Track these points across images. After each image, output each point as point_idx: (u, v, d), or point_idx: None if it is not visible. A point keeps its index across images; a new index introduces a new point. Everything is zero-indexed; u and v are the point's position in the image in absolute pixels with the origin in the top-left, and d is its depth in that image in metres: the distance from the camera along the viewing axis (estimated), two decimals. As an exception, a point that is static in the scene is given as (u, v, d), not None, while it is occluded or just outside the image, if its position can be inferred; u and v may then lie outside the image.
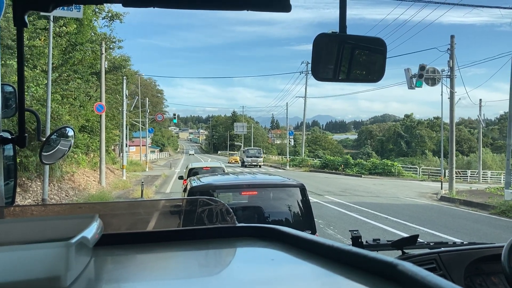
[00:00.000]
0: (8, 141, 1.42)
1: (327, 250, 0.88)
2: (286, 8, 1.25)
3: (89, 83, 23.58)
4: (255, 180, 5.61)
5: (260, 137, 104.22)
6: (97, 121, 21.98)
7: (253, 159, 48.49)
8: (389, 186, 25.85)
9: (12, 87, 1.66)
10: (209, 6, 1.24)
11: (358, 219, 12.73)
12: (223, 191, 5.23)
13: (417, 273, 0.67)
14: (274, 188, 5.33)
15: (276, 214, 5.08)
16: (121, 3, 1.19)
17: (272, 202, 5.20)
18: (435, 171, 39.36)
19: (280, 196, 5.21)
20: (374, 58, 1.81)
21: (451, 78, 19.29)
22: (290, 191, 5.20)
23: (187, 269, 0.93)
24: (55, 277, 0.66)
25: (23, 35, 1.31)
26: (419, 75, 18.40)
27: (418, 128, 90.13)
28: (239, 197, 5.30)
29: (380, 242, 2.35)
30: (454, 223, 12.46)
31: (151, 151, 74.64)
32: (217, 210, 1.29)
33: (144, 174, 32.11)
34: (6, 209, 1.37)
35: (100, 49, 20.60)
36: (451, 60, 19.02)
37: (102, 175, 20.30)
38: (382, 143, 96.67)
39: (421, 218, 13.19)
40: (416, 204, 17.06)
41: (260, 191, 5.20)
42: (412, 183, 31.62)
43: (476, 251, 2.21)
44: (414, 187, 26.73)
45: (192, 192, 5.00)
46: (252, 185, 5.25)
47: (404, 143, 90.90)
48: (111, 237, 1.03)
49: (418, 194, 21.29)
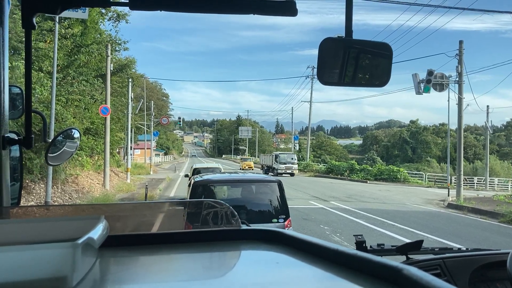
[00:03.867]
0: (14, 142, 1.42)
1: (332, 254, 0.88)
2: (292, 13, 1.28)
3: (94, 85, 23.53)
4: (243, 177, 7.32)
5: (266, 141, 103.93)
6: (102, 124, 21.89)
7: (288, 166, 41.43)
8: (395, 192, 25.56)
9: (19, 89, 1.66)
10: (216, 10, 1.27)
11: (365, 226, 12.50)
12: (218, 185, 6.87)
13: (422, 278, 0.66)
14: (258, 183, 6.81)
15: (259, 202, 6.53)
16: (128, 6, 1.22)
17: (256, 194, 6.62)
18: (441, 177, 38.99)
19: (263, 189, 6.65)
20: (380, 63, 1.80)
21: (459, 84, 19.01)
22: (270, 186, 6.62)
23: (191, 271, 0.93)
24: (62, 277, 0.66)
25: (31, 37, 1.33)
26: (427, 80, 18.17)
27: (424, 134, 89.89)
28: (231, 189, 6.92)
29: (385, 247, 2.35)
30: (463, 231, 12.19)
31: (156, 154, 74.70)
32: (222, 212, 1.29)
33: (148, 177, 32.00)
34: (12, 209, 1.38)
35: (105, 51, 20.49)
36: (460, 66, 18.75)
37: (106, 178, 20.18)
38: (388, 149, 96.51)
39: (429, 225, 12.94)
40: (424, 211, 16.79)
41: (247, 185, 6.73)
42: (418, 189, 31.29)
43: (481, 257, 2.19)
44: (420, 193, 26.43)
45: (195, 186, 6.46)
46: (241, 181, 6.89)
47: (409, 149, 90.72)
48: (117, 239, 1.04)
49: (425, 201, 21.01)
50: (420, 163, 77.47)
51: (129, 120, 26.47)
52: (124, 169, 28.31)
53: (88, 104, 22.42)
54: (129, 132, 26.69)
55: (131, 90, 27.24)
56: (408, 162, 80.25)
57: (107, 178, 20.19)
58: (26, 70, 1.36)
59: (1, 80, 1.33)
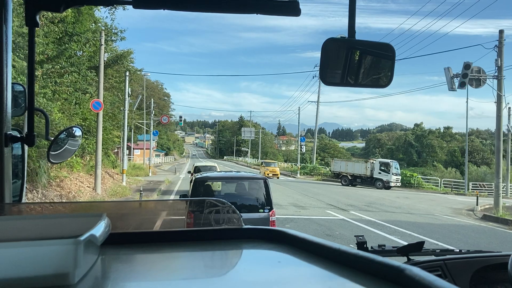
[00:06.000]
0: (17, 139, 1.42)
1: (334, 253, 0.87)
2: (296, 12, 1.30)
3: (87, 78, 21.38)
4: (236, 175, 8.43)
5: (268, 142, 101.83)
6: (95, 121, 19.76)
7: (398, 178, 34.13)
8: (415, 200, 23.37)
9: (22, 86, 1.67)
10: (220, 9, 1.27)
11: (401, 244, 10.31)
12: (215, 181, 8.06)
13: (424, 278, 0.66)
14: (248, 180, 7.75)
15: (249, 197, 7.48)
16: (132, 5, 1.22)
17: (247, 189, 7.59)
18: (458, 183, 36.76)
19: (252, 185, 7.57)
20: (383, 63, 1.77)
21: (499, 79, 16.69)
22: (258, 182, 7.56)
23: (193, 270, 0.92)
24: (64, 273, 0.67)
25: (35, 35, 1.35)
26: (463, 74, 15.93)
27: (429, 138, 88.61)
28: (226, 185, 8.01)
29: (385, 248, 2.36)
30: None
31: (156, 155, 73.00)
32: (224, 211, 1.28)
33: (146, 180, 29.88)
34: (14, 206, 1.40)
35: (99, 39, 18.35)
36: (500, 59, 16.44)
37: (98, 181, 17.99)
38: (392, 152, 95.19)
39: (478, 244, 10.78)
40: (460, 225, 14.57)
41: (240, 182, 7.71)
42: (437, 196, 29.08)
43: (482, 259, 2.21)
44: (442, 201, 24.25)
45: (196, 182, 7.51)
46: (234, 178, 7.99)
47: (415, 152, 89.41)
48: (119, 236, 1.03)
49: (452, 211, 18.82)
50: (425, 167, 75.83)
51: (126, 117, 24.24)
52: (120, 171, 26.11)
53: (79, 98, 20.29)
54: (125, 130, 24.46)
55: (128, 85, 25.00)
56: (413, 166, 78.34)
57: (98, 181, 18.01)
58: (29, 68, 1.37)
59: (4, 78, 1.33)
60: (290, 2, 1.28)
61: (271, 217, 7.24)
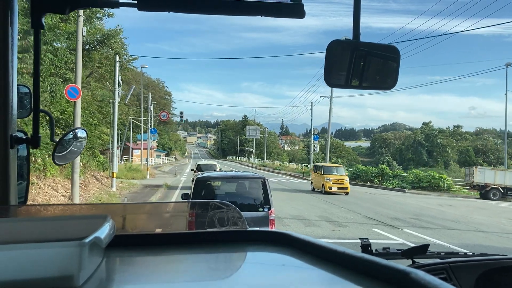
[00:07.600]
0: (22, 141, 1.42)
1: (338, 257, 0.87)
2: (300, 15, 1.29)
3: (68, 62, 17.58)
4: (236, 174, 9.23)
5: (273, 142, 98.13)
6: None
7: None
8: (463, 209, 19.51)
9: (27, 88, 1.64)
10: (223, 12, 1.27)
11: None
12: (216, 180, 8.45)
13: (430, 282, 0.65)
14: (247, 179, 8.14)
15: (249, 196, 7.86)
16: (137, 7, 1.22)
17: (246, 188, 8.01)
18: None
19: (251, 184, 7.97)
20: (387, 65, 1.76)
21: None
22: (257, 181, 7.87)
23: (197, 272, 0.91)
24: (68, 276, 0.66)
25: (40, 37, 1.36)
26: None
27: (440, 137, 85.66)
28: (227, 184, 8.43)
29: (390, 251, 2.32)
30: None
31: (157, 155, 69.41)
32: (228, 214, 1.27)
33: (142, 183, 26.05)
34: (19, 208, 1.38)
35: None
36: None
37: (75, 188, 14.12)
38: (401, 152, 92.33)
39: None
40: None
41: (240, 182, 8.16)
42: (478, 202, 25.18)
43: (488, 262, 2.18)
44: (491, 208, 20.41)
45: (197, 181, 7.86)
46: (234, 177, 8.58)
47: (425, 152, 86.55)
48: (123, 238, 1.02)
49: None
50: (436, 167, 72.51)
51: (116, 110, 20.40)
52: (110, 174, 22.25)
53: (55, 85, 16.48)
54: (115, 125, 20.62)
55: (119, 73, 21.13)
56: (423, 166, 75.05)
57: (76, 188, 14.14)
58: (35, 70, 1.37)
59: (10, 80, 1.33)
60: (294, 4, 1.28)
61: (270, 216, 7.42)
